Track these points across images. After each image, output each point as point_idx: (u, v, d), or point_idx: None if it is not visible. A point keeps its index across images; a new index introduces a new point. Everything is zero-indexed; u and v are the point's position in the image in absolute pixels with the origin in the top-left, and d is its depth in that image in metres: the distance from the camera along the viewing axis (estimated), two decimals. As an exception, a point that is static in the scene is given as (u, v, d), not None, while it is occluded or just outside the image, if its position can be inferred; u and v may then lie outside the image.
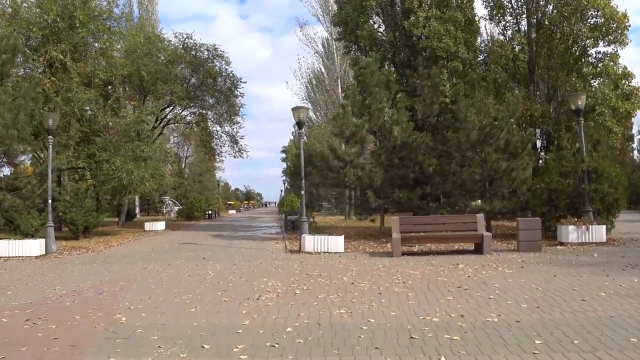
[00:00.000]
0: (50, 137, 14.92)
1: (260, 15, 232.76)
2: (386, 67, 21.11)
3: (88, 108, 22.35)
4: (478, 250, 12.01)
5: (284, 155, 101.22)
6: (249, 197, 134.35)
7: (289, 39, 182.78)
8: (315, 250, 13.05)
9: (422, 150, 17.08)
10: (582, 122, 14.82)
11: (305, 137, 79.93)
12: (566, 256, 11.08)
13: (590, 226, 13.17)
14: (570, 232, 13.14)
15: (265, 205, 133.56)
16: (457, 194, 16.59)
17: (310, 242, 13.15)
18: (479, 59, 22.76)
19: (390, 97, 17.76)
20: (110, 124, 23.76)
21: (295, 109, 14.47)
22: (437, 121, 18.57)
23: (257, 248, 15.38)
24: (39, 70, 22.72)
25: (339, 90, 39.10)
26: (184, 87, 31.23)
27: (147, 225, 26.07)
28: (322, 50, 43.77)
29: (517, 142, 15.18)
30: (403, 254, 11.73)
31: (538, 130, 21.22)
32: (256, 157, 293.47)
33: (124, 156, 21.77)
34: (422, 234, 12.17)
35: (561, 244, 13.22)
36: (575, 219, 13.44)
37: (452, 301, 6.59)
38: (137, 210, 53.12)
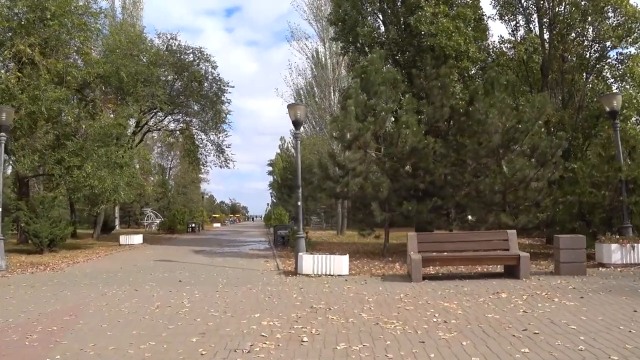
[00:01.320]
0: (2, 134, 12.66)
1: (246, 29, 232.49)
2: (389, 67, 19.21)
3: (59, 109, 19.97)
4: (511, 273, 9.98)
5: (270, 168, 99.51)
6: (234, 211, 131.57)
7: (276, 53, 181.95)
8: (315, 272, 10.93)
9: (433, 158, 15.10)
10: (619, 125, 12.99)
11: (291, 148, 78.05)
12: (620, 281, 9.11)
13: (636, 245, 11.24)
14: (613, 252, 11.20)
15: (252, 219, 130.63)
16: (475, 207, 14.65)
17: (309, 262, 11.02)
18: (488, 60, 20.97)
19: (396, 99, 15.81)
20: (84, 126, 21.55)
21: (291, 107, 12.46)
22: (448, 126, 16.66)
23: (245, 267, 13.22)
24: (5, 65, 20.57)
25: (332, 96, 37.10)
26: (167, 91, 29.13)
27: (123, 239, 23.70)
28: (313, 58, 41.78)
29: (546, 148, 13.26)
30: (423, 278, 9.66)
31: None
32: (242, 171, 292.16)
33: (97, 162, 19.55)
34: (446, 254, 10.12)
35: (602, 265, 11.27)
36: (617, 237, 11.55)
37: (531, 356, 4.54)
38: (117, 222, 50.53)
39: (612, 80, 19.05)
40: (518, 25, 21.05)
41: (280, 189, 62.38)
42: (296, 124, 12.21)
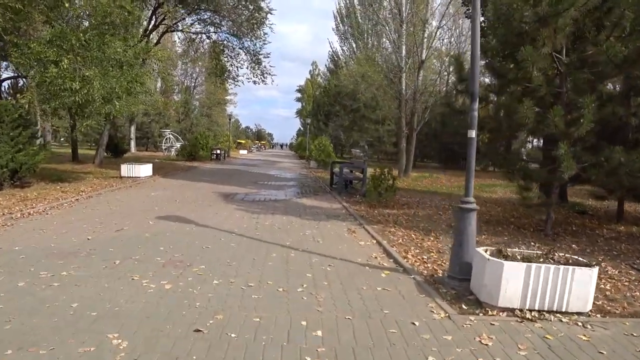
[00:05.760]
0: None
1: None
2: None
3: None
4: None
5: (299, 95, 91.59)
6: (260, 137, 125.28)
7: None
8: (529, 306, 4.45)
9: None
10: None
11: (327, 72, 70.21)
12: None
13: None
14: None
15: (281, 146, 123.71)
16: None
17: (516, 281, 4.45)
18: None
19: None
20: (67, 4, 14.76)
21: None
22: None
23: (326, 253, 6.71)
24: None
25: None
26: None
27: (125, 169, 17.25)
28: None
29: None
30: None
31: None
32: (266, 97, 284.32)
33: (83, 57, 13.02)
34: None
35: None
36: None
37: None
38: (133, 144, 44.70)
39: None
40: None
41: (316, 115, 55.28)
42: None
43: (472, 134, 5.32)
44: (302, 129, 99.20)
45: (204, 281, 5.10)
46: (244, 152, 60.54)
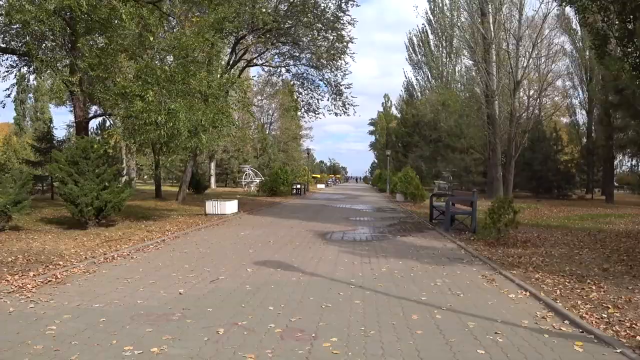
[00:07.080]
0: None
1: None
2: None
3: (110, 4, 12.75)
4: None
5: (371, 128, 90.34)
6: (334, 171, 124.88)
7: (367, 8, 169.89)
8: None
9: None
10: None
11: (394, 108, 68.52)
12: None
13: None
14: None
15: (356, 180, 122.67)
16: None
17: None
18: None
19: None
20: (151, 38, 14.28)
21: None
22: None
23: (485, 315, 5.05)
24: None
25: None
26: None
27: (210, 206, 16.37)
28: None
29: None
30: None
31: None
32: (337, 131, 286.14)
33: (168, 89, 12.30)
34: None
35: None
36: None
37: None
38: (213, 180, 44.87)
39: None
40: None
41: (394, 146, 53.75)
42: None
43: None
44: (376, 161, 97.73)
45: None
46: (321, 186, 59.74)
